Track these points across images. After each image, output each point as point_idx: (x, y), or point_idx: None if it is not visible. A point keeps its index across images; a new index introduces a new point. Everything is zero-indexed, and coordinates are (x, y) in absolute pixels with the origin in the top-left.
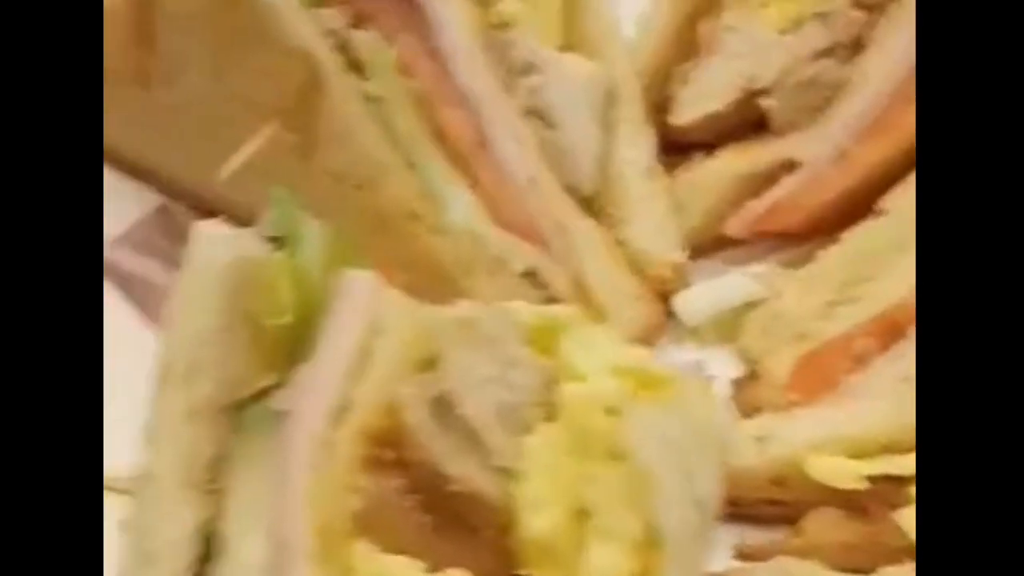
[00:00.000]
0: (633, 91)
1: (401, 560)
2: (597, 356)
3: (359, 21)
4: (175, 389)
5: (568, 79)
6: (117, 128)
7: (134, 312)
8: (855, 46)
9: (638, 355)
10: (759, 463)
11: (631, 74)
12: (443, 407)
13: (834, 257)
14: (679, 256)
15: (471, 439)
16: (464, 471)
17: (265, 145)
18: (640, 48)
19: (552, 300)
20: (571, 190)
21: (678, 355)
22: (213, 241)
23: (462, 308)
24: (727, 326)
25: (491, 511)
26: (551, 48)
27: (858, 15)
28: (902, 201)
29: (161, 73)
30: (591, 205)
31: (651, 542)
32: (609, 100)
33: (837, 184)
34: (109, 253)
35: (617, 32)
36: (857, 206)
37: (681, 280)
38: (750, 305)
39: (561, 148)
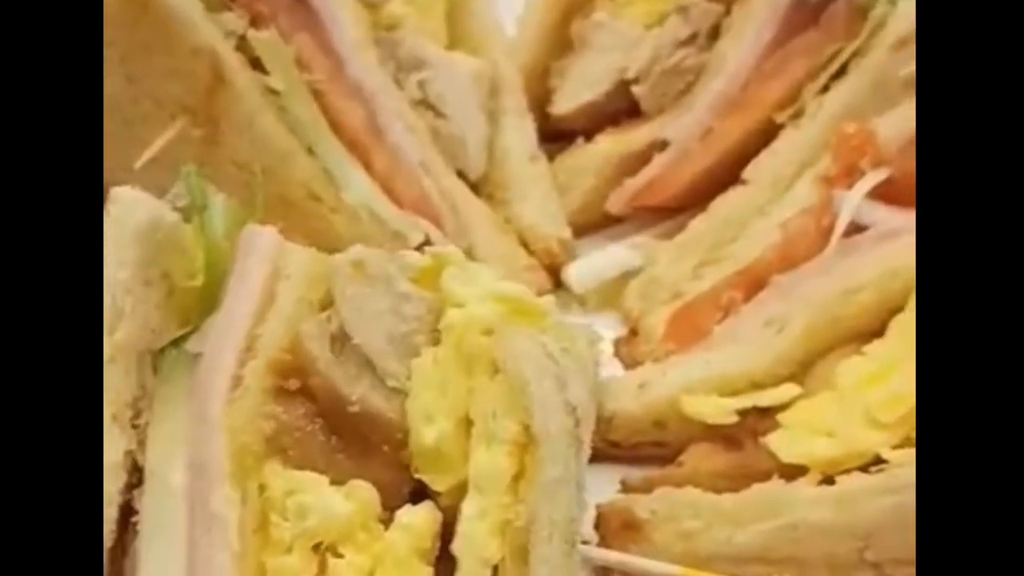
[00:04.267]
0: (515, 84)
1: (309, 475)
2: (475, 287)
3: (258, 22)
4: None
5: (454, 74)
6: None
7: None
8: (712, 34)
9: (515, 288)
10: (640, 408)
11: (512, 69)
12: (341, 339)
13: (702, 225)
14: (564, 232)
15: (366, 365)
16: (362, 394)
17: (175, 139)
18: (520, 46)
19: None
20: (461, 173)
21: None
22: (130, 203)
23: (353, 251)
24: (610, 293)
25: (388, 427)
26: (438, 46)
27: (714, 7)
28: (760, 170)
29: None
30: (480, 187)
31: (527, 443)
32: (493, 93)
33: (703, 159)
34: None
35: (498, 31)
36: (722, 177)
37: (568, 254)
38: (629, 273)
39: (450, 136)
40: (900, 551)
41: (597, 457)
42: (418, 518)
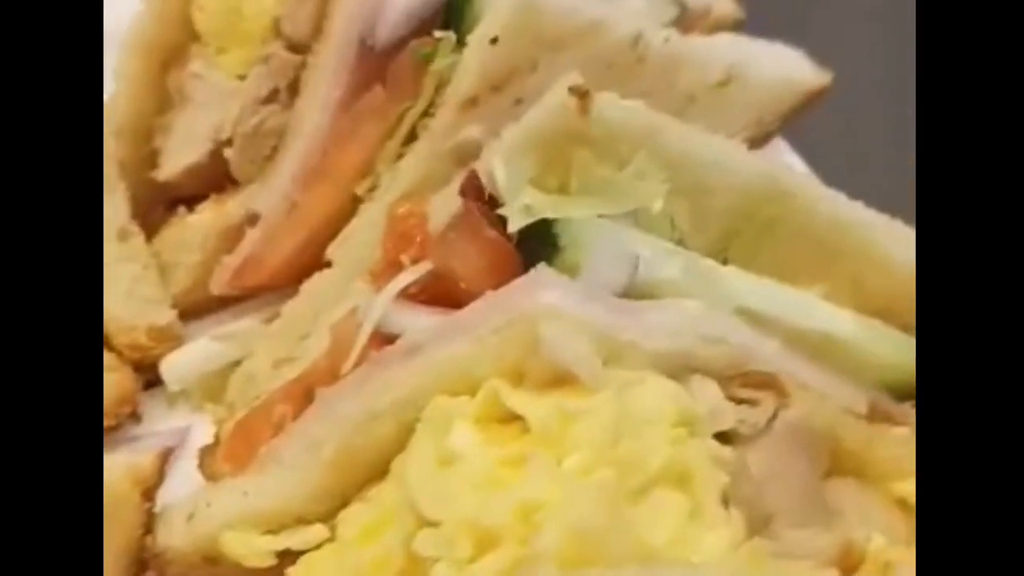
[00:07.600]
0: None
1: None
2: None
3: None
4: None
5: None
6: None
7: None
8: (293, 89)
9: None
10: (189, 543)
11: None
12: None
13: (292, 310)
14: (161, 319)
15: None
16: None
17: None
18: (116, 103)
19: None
20: None
21: (169, 421)
22: None
23: None
24: (214, 388)
25: None
26: None
27: (293, 57)
28: (342, 251)
29: None
30: None
31: None
32: None
33: (292, 236)
34: None
35: None
36: (311, 259)
37: (170, 342)
38: (235, 365)
39: None
40: None
41: None
42: None
